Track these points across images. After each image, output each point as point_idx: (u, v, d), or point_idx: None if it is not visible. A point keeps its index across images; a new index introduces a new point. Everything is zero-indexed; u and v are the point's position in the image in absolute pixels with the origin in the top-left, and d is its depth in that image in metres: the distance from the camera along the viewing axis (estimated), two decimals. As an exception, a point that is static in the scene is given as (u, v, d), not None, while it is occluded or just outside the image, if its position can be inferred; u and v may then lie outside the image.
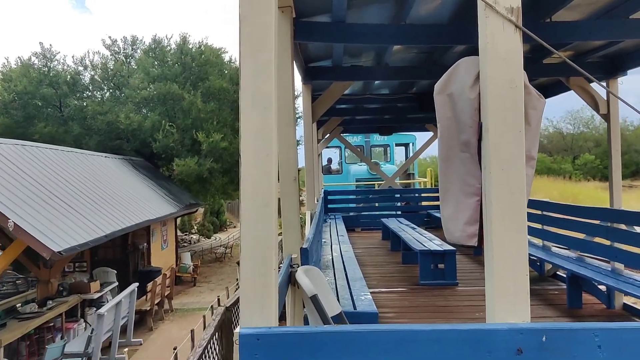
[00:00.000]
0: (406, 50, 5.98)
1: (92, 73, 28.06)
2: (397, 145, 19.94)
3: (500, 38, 1.76)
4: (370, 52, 6.08)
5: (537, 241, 7.06)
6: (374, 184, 15.94)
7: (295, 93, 4.85)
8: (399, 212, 12.27)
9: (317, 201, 8.59)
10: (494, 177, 1.76)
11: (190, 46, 27.39)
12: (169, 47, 27.74)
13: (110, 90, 27.92)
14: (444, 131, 2.17)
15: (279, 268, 3.19)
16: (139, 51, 28.38)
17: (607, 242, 5.55)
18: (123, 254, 17.69)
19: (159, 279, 15.21)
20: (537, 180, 35.60)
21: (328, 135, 12.38)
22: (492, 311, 1.75)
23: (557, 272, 6.81)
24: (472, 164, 2.06)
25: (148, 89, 25.41)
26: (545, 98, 8.11)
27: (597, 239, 5.77)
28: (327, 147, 16.56)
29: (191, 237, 33.21)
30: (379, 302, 5.68)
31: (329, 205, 12.39)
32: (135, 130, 24.35)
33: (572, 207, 6.84)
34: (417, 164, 20.89)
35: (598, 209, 6.09)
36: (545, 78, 6.88)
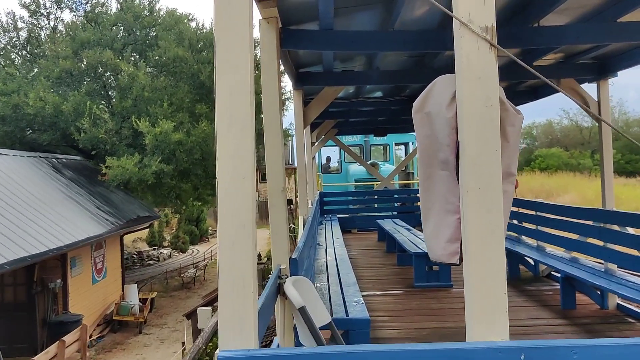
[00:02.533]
0: (397, 54, 5.98)
1: (2, 40, 21.51)
2: (397, 144, 19.83)
3: (476, 57, 1.77)
4: (361, 56, 6.07)
5: (532, 242, 7.07)
6: (373, 185, 15.90)
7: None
8: (395, 213, 12.28)
9: (312, 205, 8.58)
10: (470, 196, 1.76)
11: (137, 2, 21.14)
12: (104, 6, 21.73)
13: (27, 63, 21.37)
14: (424, 150, 2.17)
15: (268, 279, 3.20)
16: (67, 11, 22.72)
17: (601, 243, 5.56)
18: (28, 295, 12.32)
19: (45, 355, 9.60)
20: (562, 178, 33.08)
21: (323, 137, 12.37)
22: (472, 329, 1.76)
23: (552, 272, 6.82)
24: (451, 182, 2.06)
25: (73, 59, 18.84)
26: (536, 99, 8.00)
27: (591, 240, 5.78)
28: (326, 146, 16.47)
29: (161, 253, 27.38)
30: (373, 305, 5.69)
31: (325, 207, 12.39)
32: (51, 116, 17.58)
33: (566, 207, 6.86)
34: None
35: (590, 210, 6.11)
36: (536, 80, 6.88)
